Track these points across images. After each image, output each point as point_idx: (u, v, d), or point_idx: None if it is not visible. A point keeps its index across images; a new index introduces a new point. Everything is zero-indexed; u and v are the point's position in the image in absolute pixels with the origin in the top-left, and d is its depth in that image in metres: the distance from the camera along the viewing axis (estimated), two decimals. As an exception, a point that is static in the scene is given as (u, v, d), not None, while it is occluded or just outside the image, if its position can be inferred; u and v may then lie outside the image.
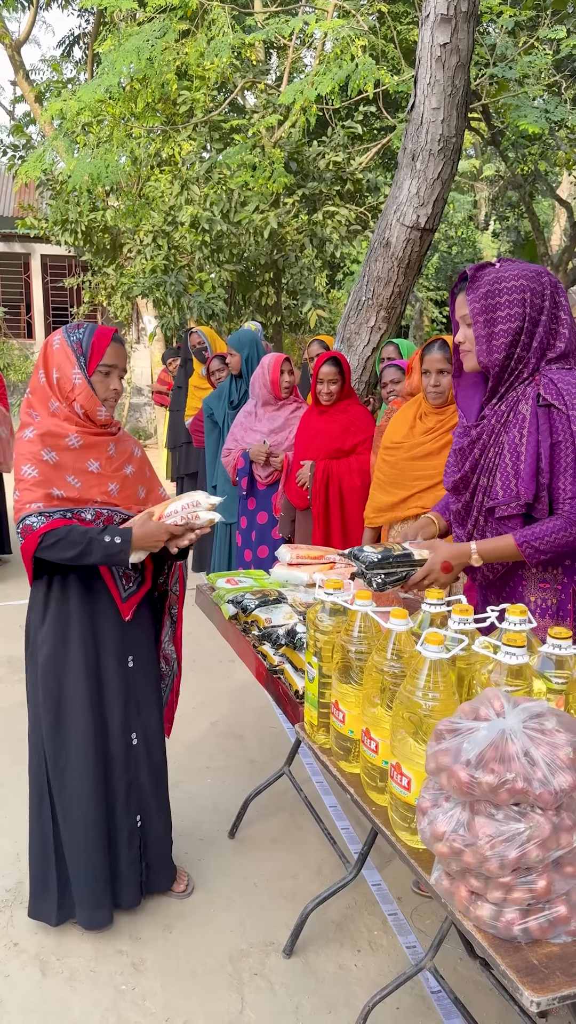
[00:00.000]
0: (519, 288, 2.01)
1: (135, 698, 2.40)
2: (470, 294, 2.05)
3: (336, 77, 7.09)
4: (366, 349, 4.90)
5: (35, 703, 2.36)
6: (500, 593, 2.22)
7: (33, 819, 2.41)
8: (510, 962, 1.29)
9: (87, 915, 2.39)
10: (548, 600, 2.14)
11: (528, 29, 9.30)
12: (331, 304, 10.62)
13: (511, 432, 2.05)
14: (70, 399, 2.25)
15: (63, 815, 2.34)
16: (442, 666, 1.53)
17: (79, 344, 2.25)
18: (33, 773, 2.39)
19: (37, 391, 2.29)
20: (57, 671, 2.30)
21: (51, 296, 17.54)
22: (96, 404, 2.27)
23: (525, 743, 1.31)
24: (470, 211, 18.34)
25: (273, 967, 2.36)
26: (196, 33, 8.60)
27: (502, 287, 2.02)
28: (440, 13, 4.18)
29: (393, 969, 2.35)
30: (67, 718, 2.31)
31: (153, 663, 2.49)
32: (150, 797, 2.46)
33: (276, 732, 3.80)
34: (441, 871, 1.43)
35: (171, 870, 2.59)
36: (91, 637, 2.32)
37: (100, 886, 2.37)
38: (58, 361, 2.25)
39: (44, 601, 2.32)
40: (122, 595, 2.35)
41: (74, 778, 2.31)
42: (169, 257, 9.32)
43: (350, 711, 1.83)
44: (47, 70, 16.57)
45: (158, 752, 2.48)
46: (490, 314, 2.03)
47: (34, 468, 2.20)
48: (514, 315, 2.01)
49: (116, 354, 2.29)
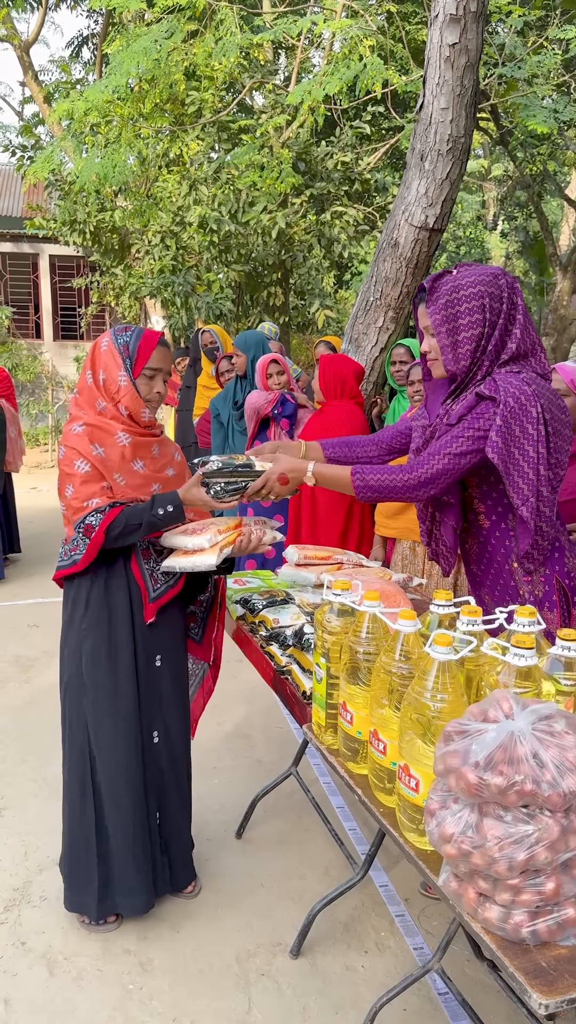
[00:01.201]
0: (478, 294, 2.03)
1: (159, 696, 2.42)
2: (430, 305, 2.08)
3: (344, 77, 7.10)
4: (374, 349, 4.89)
5: (77, 694, 2.36)
6: (492, 591, 2.25)
7: (74, 811, 2.41)
8: (518, 964, 1.29)
9: (138, 901, 2.42)
10: (536, 592, 2.15)
11: (537, 29, 9.28)
12: (339, 304, 10.62)
13: None
14: (115, 400, 2.30)
15: (112, 804, 2.36)
16: (451, 667, 1.53)
17: (126, 347, 2.29)
18: (74, 764, 2.40)
19: (84, 391, 2.34)
20: (101, 661, 2.32)
21: (59, 296, 17.57)
22: (140, 406, 2.31)
23: (534, 745, 1.31)
24: (478, 211, 18.31)
25: (280, 967, 2.36)
26: (204, 33, 8.62)
27: (461, 295, 2.04)
28: (449, 13, 4.17)
29: (400, 970, 2.35)
30: (113, 710, 2.33)
31: (181, 664, 2.51)
32: (171, 795, 2.47)
33: (283, 732, 3.80)
34: (449, 873, 1.43)
35: (191, 869, 2.60)
36: (128, 632, 2.34)
37: (146, 869, 2.41)
38: (105, 362, 2.30)
39: (86, 592, 2.33)
40: (150, 595, 2.35)
41: (122, 767, 2.34)
42: (177, 257, 9.33)
43: (358, 712, 1.83)
44: (56, 71, 16.64)
45: (179, 751, 2.50)
46: (452, 323, 2.05)
47: (85, 463, 2.24)
48: (475, 321, 2.04)
49: (161, 358, 2.32)
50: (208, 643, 2.65)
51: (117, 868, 2.39)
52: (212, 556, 2.21)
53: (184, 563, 2.24)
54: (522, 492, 1.99)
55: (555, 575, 2.12)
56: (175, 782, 2.48)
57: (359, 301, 4.97)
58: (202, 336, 6.46)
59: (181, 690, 2.51)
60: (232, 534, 2.28)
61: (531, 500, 1.99)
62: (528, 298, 17.41)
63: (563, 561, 2.15)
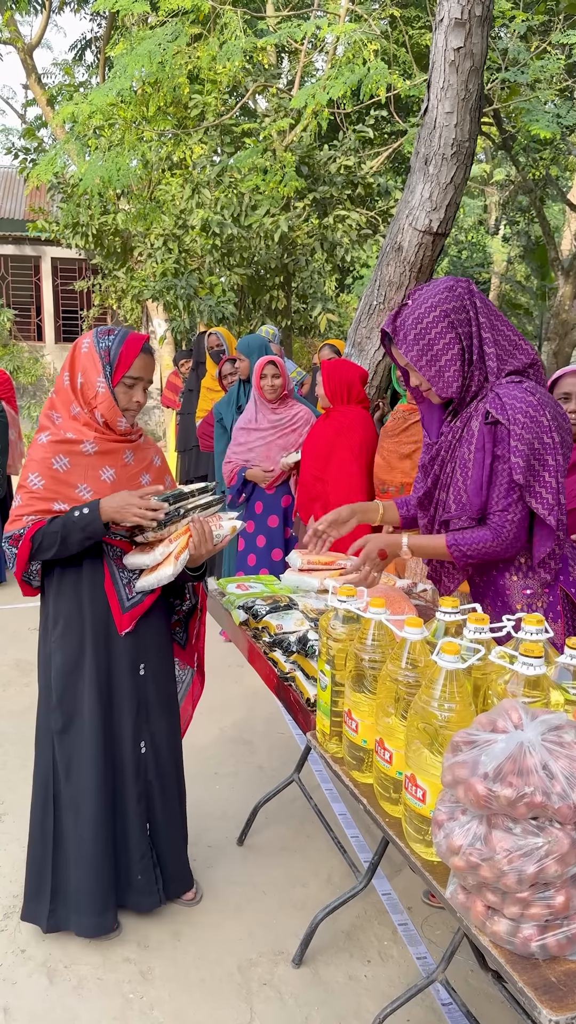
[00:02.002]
0: (441, 315, 2.01)
1: (145, 706, 2.38)
2: (400, 345, 2.06)
3: (348, 81, 7.10)
4: (377, 354, 4.88)
5: (46, 707, 2.35)
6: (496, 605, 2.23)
7: (35, 823, 2.40)
8: (528, 979, 1.27)
9: (88, 921, 2.36)
10: (535, 605, 2.13)
11: (540, 34, 9.28)
12: (341, 308, 10.62)
13: (463, 448, 2.10)
14: (92, 406, 2.23)
15: (70, 820, 2.33)
16: (458, 676, 1.51)
17: (107, 352, 2.22)
18: (39, 777, 2.38)
19: (61, 392, 2.28)
20: (72, 677, 2.29)
21: (61, 299, 17.58)
22: (117, 415, 2.25)
23: (544, 756, 1.29)
24: (480, 216, 18.32)
25: (282, 976, 2.34)
26: (208, 37, 8.62)
27: (426, 323, 2.02)
28: (454, 17, 4.16)
29: (403, 980, 2.33)
30: (79, 723, 2.30)
31: (167, 671, 2.47)
32: (159, 805, 2.43)
33: (285, 738, 3.78)
34: (457, 885, 1.41)
35: (186, 878, 2.57)
36: (103, 644, 2.30)
37: (104, 892, 2.35)
38: (84, 366, 2.23)
39: (55, 608, 2.31)
40: (123, 606, 2.31)
41: (83, 784, 2.30)
42: (179, 260, 9.32)
43: (363, 720, 1.81)
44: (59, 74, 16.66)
45: (169, 760, 2.45)
46: (429, 353, 2.03)
47: (40, 479, 2.19)
48: (450, 342, 2.02)
49: (144, 366, 2.26)
50: (192, 648, 2.63)
51: (72, 885, 2.35)
52: (168, 567, 2.21)
53: (150, 580, 2.26)
54: (547, 502, 1.99)
55: (560, 585, 2.11)
56: (162, 791, 2.43)
57: (362, 305, 4.96)
58: (208, 338, 6.45)
59: (168, 698, 2.47)
60: (183, 539, 2.23)
61: (555, 509, 1.99)
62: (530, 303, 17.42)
63: (567, 571, 2.14)
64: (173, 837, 2.49)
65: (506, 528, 2.05)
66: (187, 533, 2.24)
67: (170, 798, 2.46)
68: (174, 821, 2.48)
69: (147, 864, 2.41)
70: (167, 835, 2.46)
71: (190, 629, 2.61)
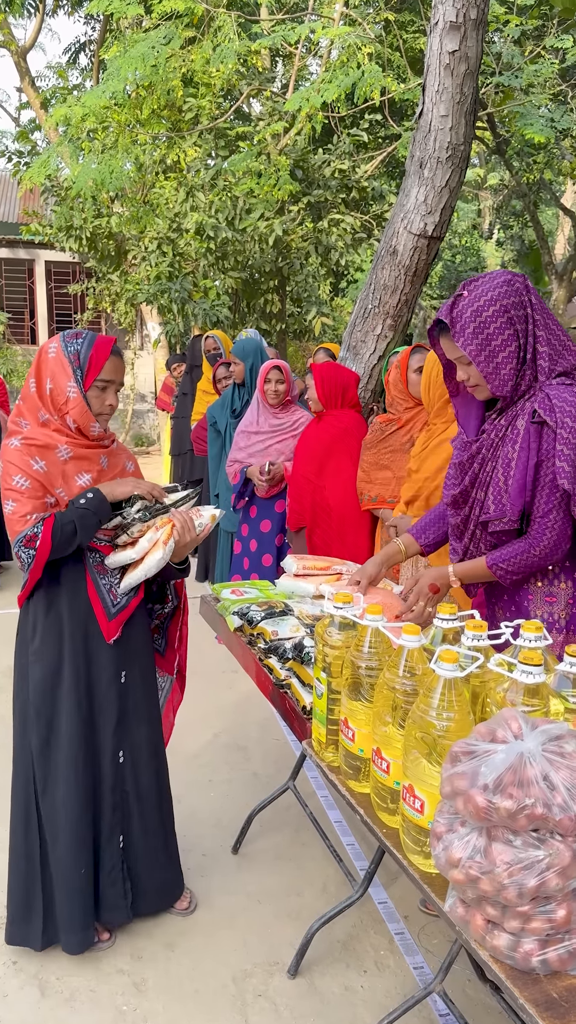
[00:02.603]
0: (501, 310, 1.97)
1: (125, 713, 2.33)
2: (459, 337, 2.01)
3: (342, 85, 7.08)
4: (372, 357, 4.85)
5: (23, 722, 2.30)
6: (508, 608, 2.20)
7: (17, 840, 2.34)
8: (528, 995, 1.25)
9: (74, 938, 2.32)
10: (556, 614, 2.10)
11: (534, 38, 9.29)
12: (335, 312, 10.60)
13: (507, 447, 2.05)
14: (63, 412, 2.19)
15: (51, 836, 2.28)
16: (457, 685, 1.49)
17: (76, 356, 2.18)
18: (19, 793, 2.33)
19: (28, 399, 2.22)
20: (50, 690, 2.25)
21: (55, 302, 17.53)
22: (91, 420, 2.21)
23: (544, 767, 1.27)
24: (474, 220, 18.35)
25: (277, 988, 2.31)
26: (202, 40, 8.60)
27: (486, 317, 1.97)
28: (449, 20, 4.15)
29: (400, 990, 2.30)
30: (58, 738, 2.25)
31: (148, 678, 2.43)
32: (135, 816, 2.37)
33: (280, 744, 3.75)
34: (456, 898, 1.38)
35: (168, 890, 2.52)
36: (83, 654, 2.26)
37: (86, 906, 2.31)
38: (52, 371, 2.18)
39: (34, 619, 2.26)
40: (109, 613, 2.27)
41: (63, 799, 2.25)
42: (174, 264, 9.29)
43: (360, 729, 1.79)
44: (53, 76, 16.62)
45: (149, 769, 2.40)
46: (487, 348, 1.99)
47: (25, 479, 2.14)
48: (508, 338, 1.99)
49: (115, 368, 2.22)
50: (172, 655, 2.58)
51: (57, 902, 2.31)
52: (158, 551, 2.21)
53: (138, 573, 2.24)
54: (540, 508, 1.96)
55: None
56: (140, 802, 2.37)
57: (357, 309, 4.94)
58: (205, 341, 6.43)
59: (150, 705, 2.42)
60: (168, 527, 2.24)
61: None
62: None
63: None
64: (150, 848, 2.41)
65: (545, 536, 2.01)
66: (170, 523, 2.26)
67: (149, 808, 2.40)
68: (153, 832, 2.41)
69: (116, 877, 2.35)
70: (143, 846, 2.40)
71: (170, 634, 2.57)
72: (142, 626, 2.41)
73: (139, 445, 15.14)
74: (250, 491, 4.52)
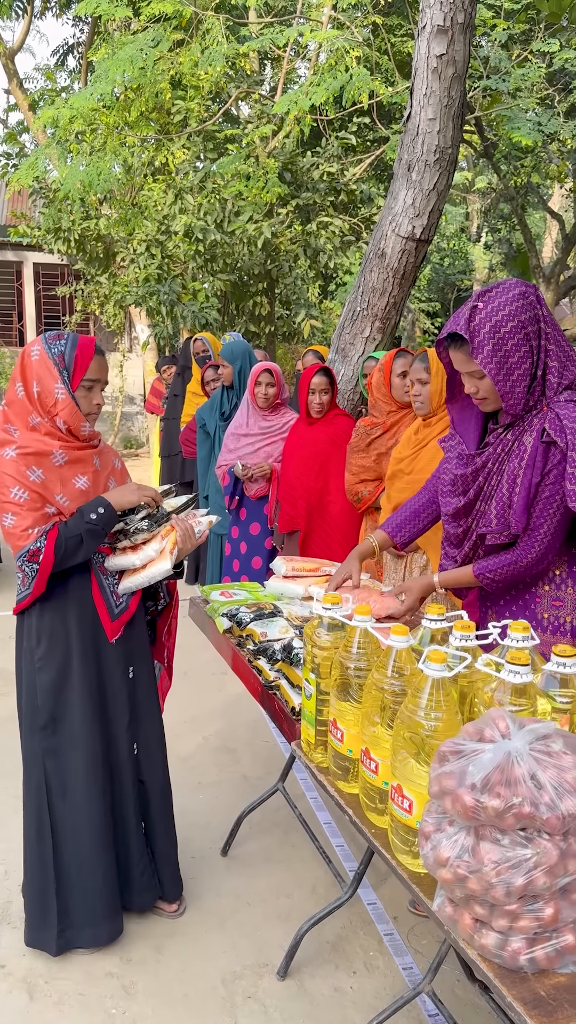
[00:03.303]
0: (519, 326, 1.95)
1: (135, 707, 2.39)
2: (477, 355, 1.97)
3: (330, 88, 7.11)
4: (360, 360, 4.87)
5: (31, 729, 2.31)
6: (510, 610, 2.21)
7: (31, 849, 2.35)
8: (516, 993, 1.25)
9: (101, 930, 2.36)
10: (562, 618, 2.11)
11: (521, 42, 9.34)
12: (324, 315, 10.62)
13: (512, 462, 2.05)
14: (52, 414, 2.19)
15: (72, 836, 2.30)
16: (445, 685, 1.50)
17: (61, 357, 2.18)
18: (30, 801, 2.34)
19: (14, 404, 2.21)
20: (61, 693, 2.27)
21: (43, 304, 17.46)
22: (81, 420, 2.22)
23: (532, 766, 1.28)
24: (462, 223, 18.40)
25: (267, 990, 2.31)
26: (190, 43, 8.61)
27: (502, 334, 1.95)
28: (437, 24, 4.17)
29: (389, 991, 2.31)
30: (73, 739, 2.27)
31: (150, 671, 2.48)
32: (152, 804, 2.46)
33: (269, 746, 3.75)
34: (444, 897, 1.39)
35: (177, 880, 2.57)
36: (92, 653, 2.29)
37: (113, 896, 2.36)
38: (38, 374, 2.18)
39: (38, 625, 2.26)
40: (112, 613, 2.30)
41: (80, 799, 2.28)
42: (162, 266, 9.29)
43: (349, 730, 1.79)
44: (41, 78, 16.57)
45: (158, 760, 2.48)
46: (504, 365, 1.96)
47: (23, 490, 2.14)
48: (524, 355, 1.98)
49: (99, 367, 2.24)
50: (161, 646, 2.63)
51: (76, 902, 2.33)
52: (166, 561, 2.26)
53: (139, 579, 2.28)
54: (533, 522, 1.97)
55: None
56: (154, 791, 2.46)
57: (346, 311, 4.95)
58: (194, 344, 6.43)
59: (154, 697, 2.49)
60: (172, 536, 2.28)
61: None
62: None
63: None
64: (164, 836, 2.50)
65: (534, 549, 2.04)
66: (174, 531, 2.30)
67: (162, 797, 2.49)
68: (165, 820, 2.51)
69: (145, 861, 2.44)
70: (161, 834, 2.49)
71: (158, 628, 2.60)
72: (142, 622, 2.46)
73: (128, 447, 15.11)
74: (240, 491, 4.52)
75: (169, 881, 2.53)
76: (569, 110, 9.41)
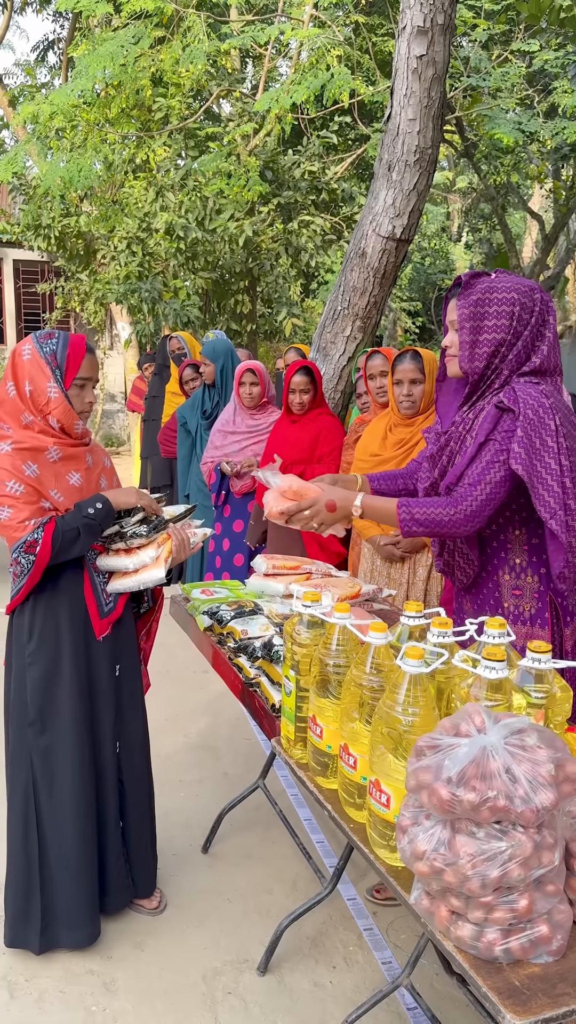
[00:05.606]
0: (509, 300, 2.01)
1: (120, 705, 2.40)
2: (461, 300, 2.06)
3: (311, 86, 7.10)
4: (342, 359, 4.88)
5: (19, 725, 2.30)
6: (475, 600, 2.23)
7: (16, 845, 2.35)
8: (491, 984, 1.27)
9: (81, 933, 2.36)
10: (522, 607, 2.13)
11: (501, 43, 9.40)
12: (306, 313, 10.63)
13: (470, 437, 2.09)
14: (45, 413, 2.20)
15: (56, 834, 2.30)
16: (422, 681, 1.51)
17: (53, 356, 2.20)
18: (16, 798, 2.33)
19: (7, 403, 2.22)
20: (50, 688, 2.27)
21: (23, 301, 17.34)
22: (74, 418, 2.24)
23: (507, 760, 1.30)
24: (443, 223, 18.47)
25: (247, 985, 2.32)
26: (171, 40, 8.58)
27: (493, 297, 2.02)
28: (416, 25, 4.19)
29: (369, 985, 2.33)
30: (61, 735, 2.28)
31: (136, 669, 2.49)
32: (130, 804, 2.45)
33: (250, 744, 3.76)
34: (421, 890, 1.41)
35: (150, 880, 2.57)
36: (83, 649, 2.29)
37: (93, 900, 2.36)
38: (30, 373, 2.19)
39: (30, 621, 2.27)
40: (102, 611, 2.31)
41: (67, 798, 2.28)
42: (144, 264, 9.27)
43: (328, 726, 1.81)
44: (21, 74, 16.47)
45: (140, 758, 2.49)
46: (477, 322, 2.03)
47: (19, 484, 2.15)
48: (500, 326, 2.02)
49: (91, 365, 2.26)
50: (140, 648, 2.63)
51: (60, 902, 2.33)
52: (160, 569, 2.28)
53: (130, 582, 2.30)
54: (548, 505, 1.95)
55: (548, 592, 2.11)
56: (133, 791, 2.46)
57: (327, 310, 4.96)
58: (170, 342, 6.41)
59: (139, 695, 2.50)
60: (168, 545, 2.30)
61: (559, 513, 1.94)
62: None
63: None
64: (141, 836, 2.50)
65: (465, 502, 2.00)
66: (169, 539, 2.32)
67: (141, 797, 2.49)
68: (143, 820, 2.51)
69: (121, 862, 2.43)
70: (137, 834, 2.48)
71: (138, 630, 2.60)
72: (129, 620, 2.46)
73: (109, 445, 15.05)
74: (226, 487, 4.52)
75: (143, 879, 2.53)
76: (549, 110, 9.47)
